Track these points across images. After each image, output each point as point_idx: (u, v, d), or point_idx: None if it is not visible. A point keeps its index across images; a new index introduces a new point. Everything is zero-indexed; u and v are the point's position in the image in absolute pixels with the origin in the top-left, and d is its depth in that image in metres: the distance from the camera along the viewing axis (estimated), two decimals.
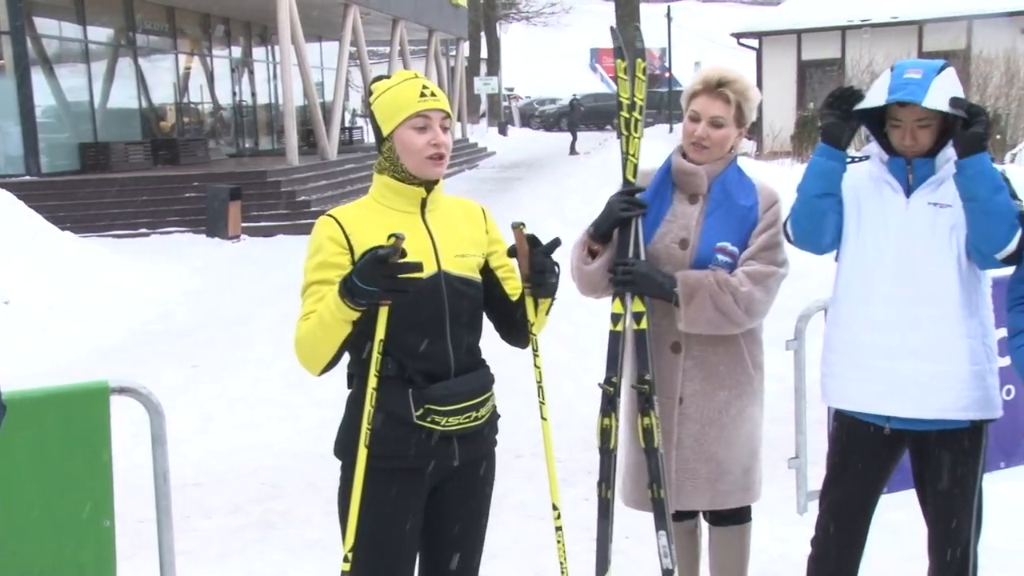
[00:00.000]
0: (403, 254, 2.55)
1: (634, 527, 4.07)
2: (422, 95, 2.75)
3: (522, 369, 2.97)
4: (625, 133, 3.29)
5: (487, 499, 2.98)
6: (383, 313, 2.65)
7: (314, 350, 2.69)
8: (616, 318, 3.13)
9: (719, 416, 3.39)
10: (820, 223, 3.23)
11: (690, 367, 3.37)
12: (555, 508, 2.92)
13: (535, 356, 2.90)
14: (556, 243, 2.79)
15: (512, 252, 2.83)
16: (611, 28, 3.44)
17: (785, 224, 3.32)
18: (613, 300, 3.15)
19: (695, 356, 3.37)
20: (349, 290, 2.56)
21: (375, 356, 2.66)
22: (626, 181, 3.24)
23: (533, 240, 2.80)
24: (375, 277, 2.54)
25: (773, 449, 3.60)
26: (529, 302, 2.86)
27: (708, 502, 3.45)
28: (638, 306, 3.13)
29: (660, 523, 3.08)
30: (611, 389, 3.07)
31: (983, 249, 3.06)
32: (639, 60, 3.28)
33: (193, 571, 4.53)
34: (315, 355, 2.70)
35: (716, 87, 3.31)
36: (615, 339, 3.12)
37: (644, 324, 3.15)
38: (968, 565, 3.22)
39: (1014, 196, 3.09)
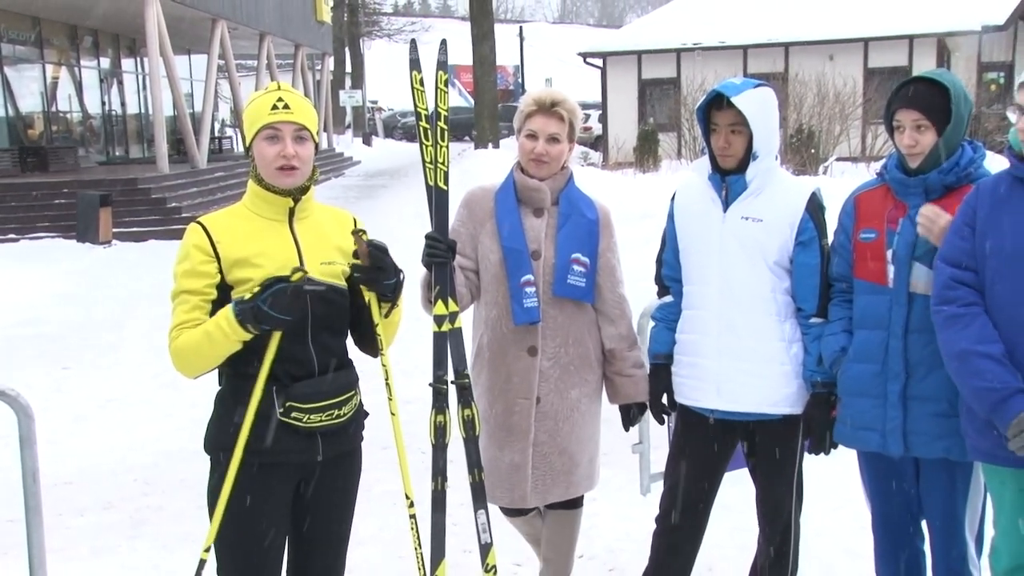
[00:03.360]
0: (308, 281, 2.59)
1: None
2: (273, 107, 2.70)
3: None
4: (428, 143, 3.20)
5: (352, 493, 2.93)
6: (275, 336, 2.64)
7: (198, 361, 2.65)
8: (439, 319, 3.13)
9: (572, 413, 3.43)
10: None
11: (546, 368, 3.40)
12: (408, 498, 2.91)
13: (381, 355, 2.89)
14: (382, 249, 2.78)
15: (356, 257, 2.79)
16: (411, 41, 3.36)
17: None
18: (435, 302, 3.14)
19: (550, 358, 3.40)
20: (255, 316, 2.55)
21: (260, 384, 2.64)
22: (438, 188, 3.18)
23: (376, 246, 2.77)
24: (289, 308, 2.57)
25: (618, 436, 3.66)
26: (374, 305, 2.83)
27: (563, 492, 3.48)
28: (452, 307, 3.14)
29: (479, 504, 3.11)
30: (442, 387, 3.07)
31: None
32: (440, 73, 3.22)
33: (64, 568, 4.33)
34: (198, 365, 2.66)
35: (550, 107, 3.36)
36: (440, 339, 3.10)
37: (459, 323, 3.16)
38: (791, 534, 3.35)
39: (819, 215, 3.23)
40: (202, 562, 2.72)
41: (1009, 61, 27.15)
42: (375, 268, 2.75)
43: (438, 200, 3.18)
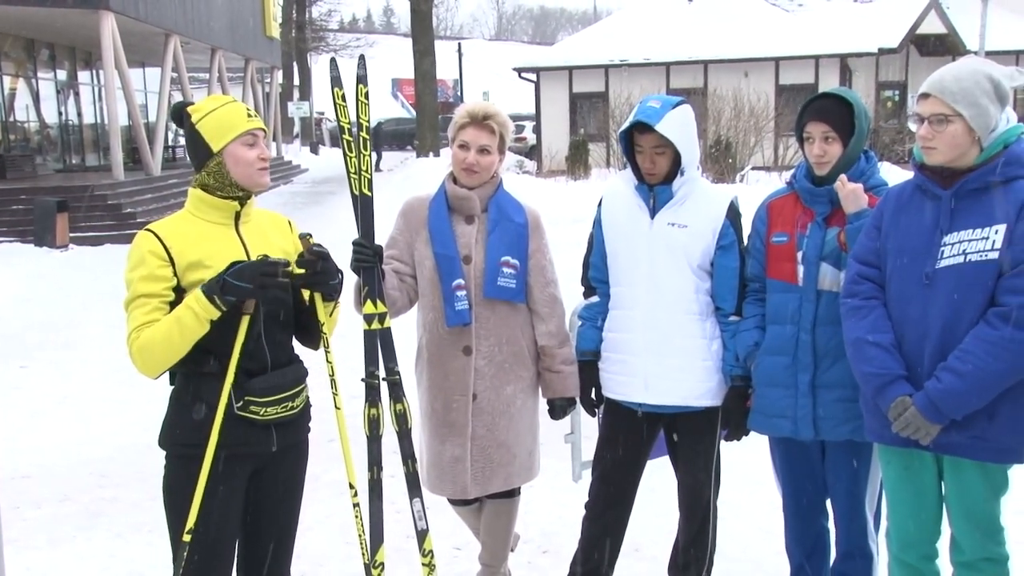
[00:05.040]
0: (287, 274, 2.60)
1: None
2: (249, 116, 2.74)
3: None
4: (351, 154, 3.15)
5: (301, 482, 2.90)
6: (244, 320, 2.61)
7: (167, 351, 2.56)
8: (369, 318, 3.10)
9: (508, 408, 3.42)
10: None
11: (481, 366, 3.38)
12: (352, 487, 2.87)
13: (327, 352, 2.86)
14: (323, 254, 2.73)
15: (301, 258, 2.75)
16: (331, 59, 3.30)
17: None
18: (364, 302, 3.11)
19: (485, 356, 3.38)
20: (222, 287, 2.52)
21: (232, 366, 2.60)
22: (363, 195, 3.14)
23: (319, 252, 2.73)
24: (250, 277, 2.53)
25: (552, 427, 3.67)
26: (319, 305, 2.80)
27: (502, 483, 3.47)
28: (381, 307, 3.11)
29: (414, 492, 3.08)
30: (374, 382, 3.04)
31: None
32: (360, 86, 3.18)
33: (22, 558, 4.22)
34: (164, 358, 2.58)
35: (482, 119, 3.33)
36: (371, 337, 3.08)
37: (388, 323, 3.14)
38: (710, 515, 3.39)
39: (737, 221, 3.29)
40: (184, 544, 2.64)
41: (903, 80, 27.94)
42: (319, 271, 2.72)
43: (363, 207, 3.14)
